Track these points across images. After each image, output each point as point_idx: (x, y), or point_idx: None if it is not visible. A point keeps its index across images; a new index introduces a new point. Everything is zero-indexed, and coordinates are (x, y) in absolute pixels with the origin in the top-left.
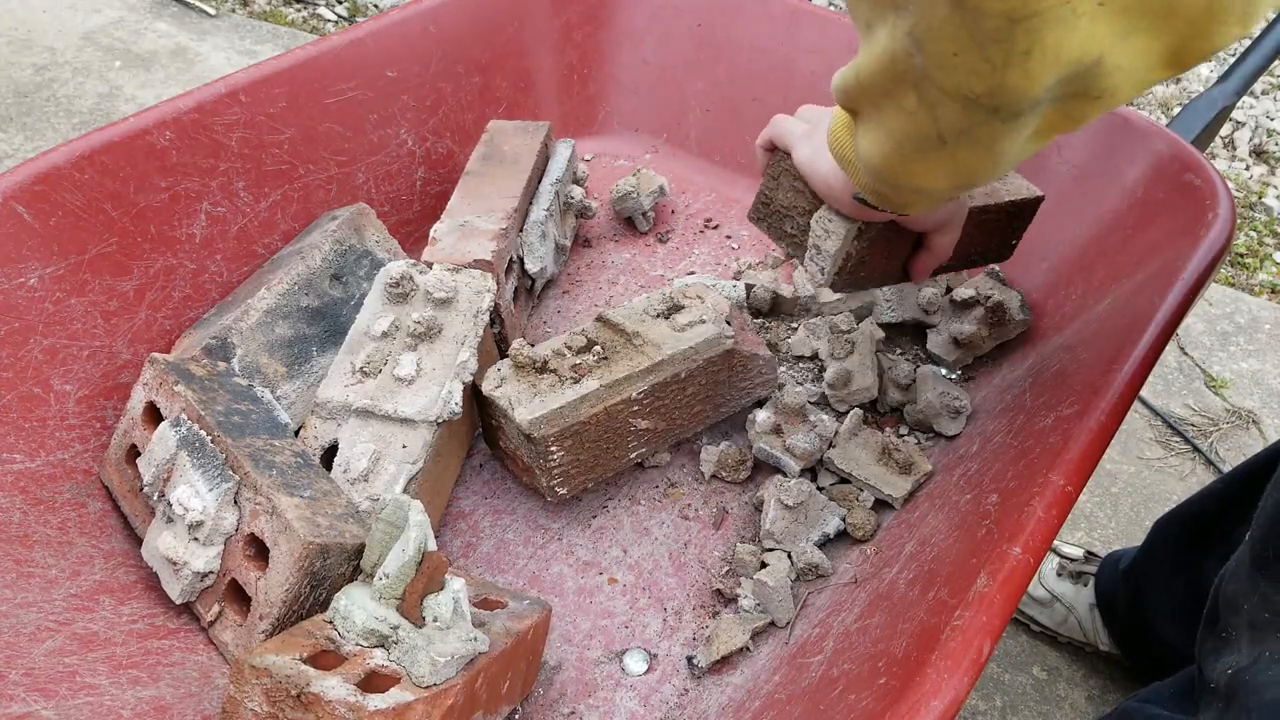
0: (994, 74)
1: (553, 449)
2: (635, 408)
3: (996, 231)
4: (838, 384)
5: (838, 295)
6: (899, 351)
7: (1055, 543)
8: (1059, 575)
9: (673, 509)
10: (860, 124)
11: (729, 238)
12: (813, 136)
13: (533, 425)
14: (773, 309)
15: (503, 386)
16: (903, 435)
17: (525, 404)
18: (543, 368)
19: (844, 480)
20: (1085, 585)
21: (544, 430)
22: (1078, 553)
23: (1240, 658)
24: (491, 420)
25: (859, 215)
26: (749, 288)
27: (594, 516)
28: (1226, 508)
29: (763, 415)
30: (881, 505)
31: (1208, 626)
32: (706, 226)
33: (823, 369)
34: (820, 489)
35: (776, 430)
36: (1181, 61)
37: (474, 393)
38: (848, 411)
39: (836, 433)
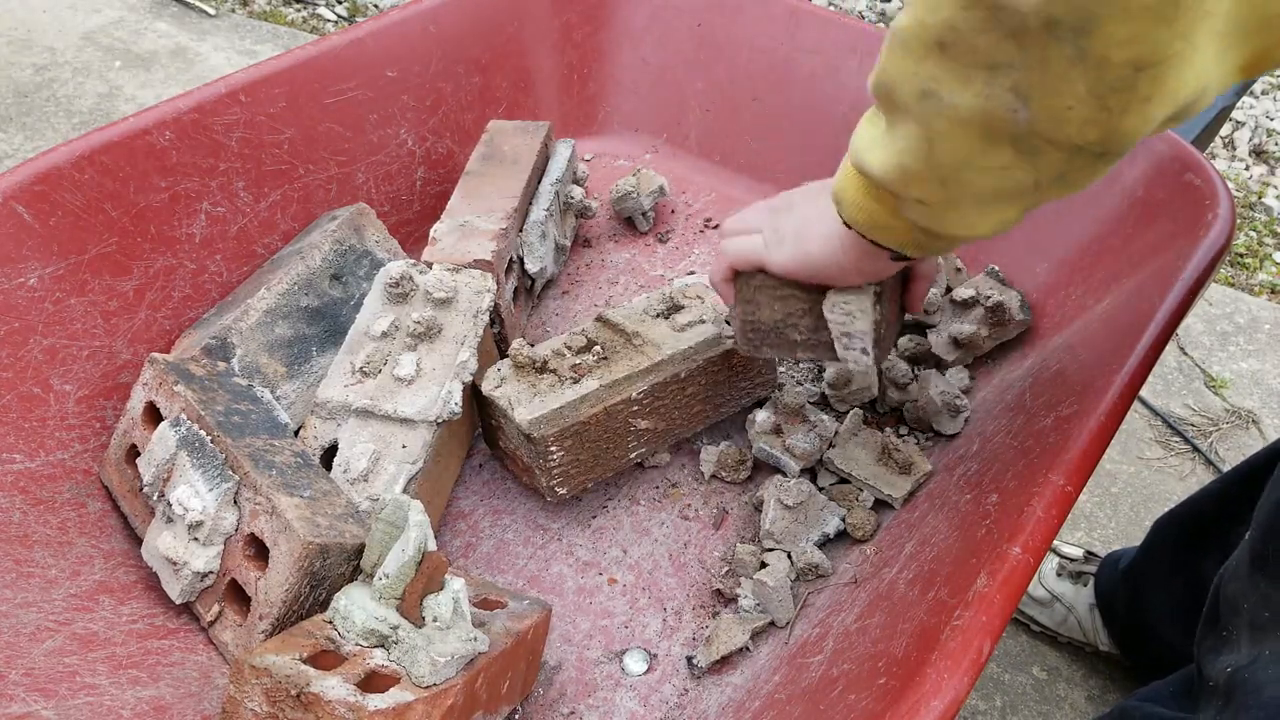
0: (1110, 120)
1: (552, 449)
2: (635, 408)
3: None
4: (838, 384)
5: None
6: (899, 351)
7: (1055, 543)
8: (1059, 575)
9: (673, 509)
10: (920, 200)
11: None
12: (782, 236)
13: (532, 425)
14: None
15: (503, 386)
16: (903, 435)
17: (525, 404)
18: (543, 368)
19: (844, 480)
20: (1085, 585)
21: (544, 430)
22: (1077, 553)
23: (1240, 656)
24: (491, 420)
25: (875, 277)
26: None
27: (594, 516)
28: (1225, 507)
29: (762, 415)
30: (881, 505)
31: (1207, 625)
32: (706, 226)
33: (823, 369)
34: (820, 489)
35: (776, 430)
36: (1257, 69)
37: (474, 393)
38: (848, 411)
39: (836, 433)
